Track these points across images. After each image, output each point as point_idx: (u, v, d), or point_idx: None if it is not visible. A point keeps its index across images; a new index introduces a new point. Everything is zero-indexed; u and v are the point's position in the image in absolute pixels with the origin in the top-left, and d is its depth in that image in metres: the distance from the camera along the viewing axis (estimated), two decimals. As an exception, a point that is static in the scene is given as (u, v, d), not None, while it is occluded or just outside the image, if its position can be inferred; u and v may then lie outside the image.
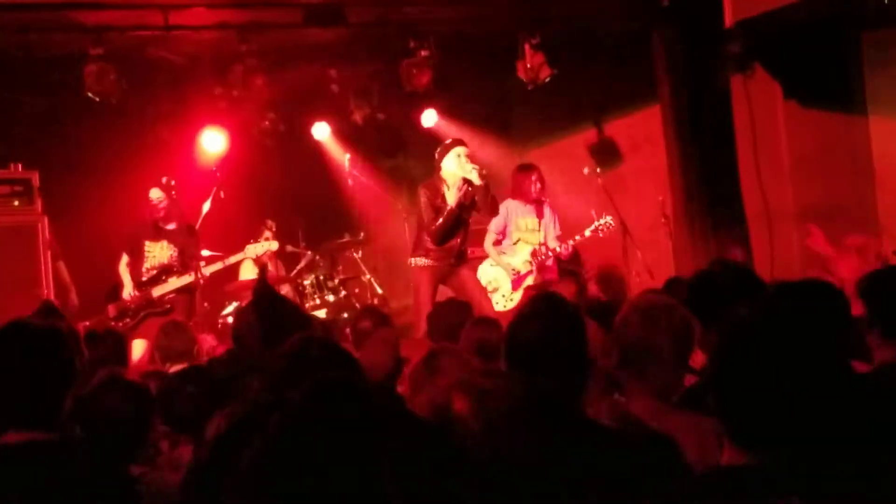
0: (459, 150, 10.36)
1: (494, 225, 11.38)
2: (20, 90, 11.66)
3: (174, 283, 10.62)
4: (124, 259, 10.81)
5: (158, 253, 10.72)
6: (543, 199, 11.43)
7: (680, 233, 11.45)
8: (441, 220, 10.25)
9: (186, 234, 10.79)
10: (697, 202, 11.36)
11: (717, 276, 4.84)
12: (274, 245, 11.12)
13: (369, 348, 6.29)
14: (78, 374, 3.80)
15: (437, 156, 10.44)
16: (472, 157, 10.35)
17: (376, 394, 1.87)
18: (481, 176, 10.19)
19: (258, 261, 11.89)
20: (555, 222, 11.43)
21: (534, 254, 11.24)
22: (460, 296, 10.15)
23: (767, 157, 11.04)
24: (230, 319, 11.81)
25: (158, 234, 10.71)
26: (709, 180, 11.38)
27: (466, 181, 10.28)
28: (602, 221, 11.02)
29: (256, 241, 11.06)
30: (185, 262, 10.68)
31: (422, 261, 10.36)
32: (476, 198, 10.31)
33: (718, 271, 4.90)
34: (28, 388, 3.59)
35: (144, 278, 10.67)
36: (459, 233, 10.49)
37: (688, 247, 11.37)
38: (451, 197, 10.24)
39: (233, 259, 10.84)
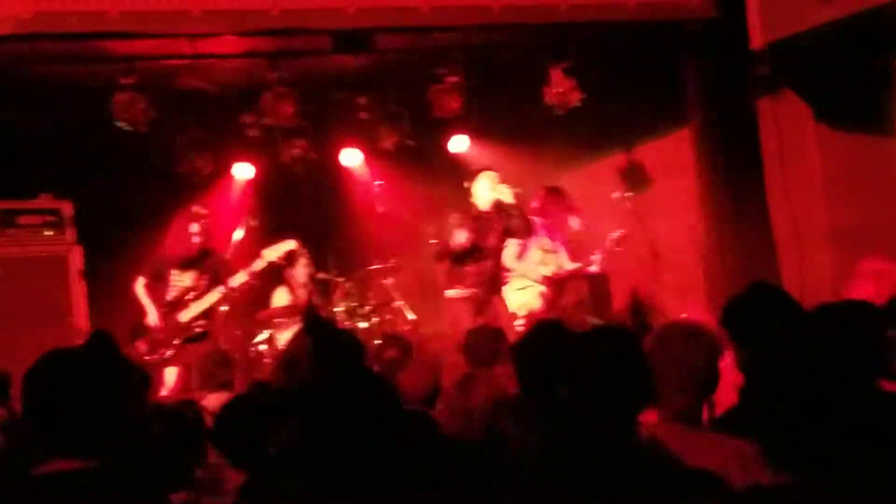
0: (490, 174, 10.42)
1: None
2: (51, 120, 11.74)
3: (197, 306, 10.63)
4: (141, 281, 10.76)
5: (185, 282, 10.74)
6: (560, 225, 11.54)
7: (710, 256, 11.40)
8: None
9: (213, 260, 10.81)
10: (727, 225, 11.30)
11: (753, 299, 4.82)
12: (292, 244, 11.09)
13: (409, 372, 6.29)
14: (121, 402, 3.81)
15: (468, 186, 10.52)
16: (503, 181, 10.43)
17: (407, 422, 1.81)
18: (515, 196, 10.24)
19: (296, 289, 11.91)
20: (568, 249, 11.52)
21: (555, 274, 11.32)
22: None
23: (797, 179, 11.01)
24: (262, 348, 11.81)
25: (186, 265, 10.74)
26: (739, 203, 11.32)
27: (498, 204, 10.33)
28: (616, 234, 11.25)
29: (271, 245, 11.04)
30: (212, 286, 10.71)
31: (459, 292, 10.40)
32: (511, 221, 10.36)
33: (755, 294, 4.89)
34: (70, 415, 3.59)
35: (169, 305, 10.68)
36: (490, 258, 10.50)
37: (718, 270, 11.32)
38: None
39: (254, 267, 10.82)
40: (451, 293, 10.50)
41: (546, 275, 11.31)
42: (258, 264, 10.86)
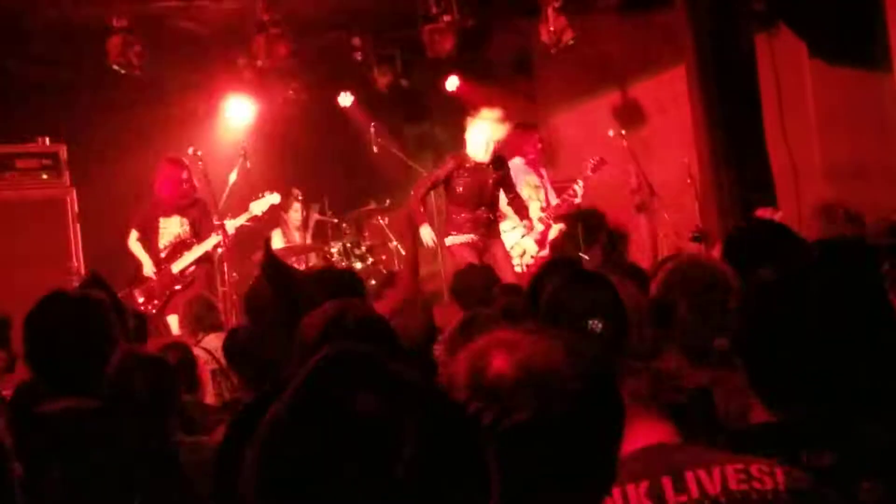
0: (488, 116, 10.48)
1: None
2: (45, 64, 11.70)
3: (189, 255, 10.74)
4: (133, 235, 10.92)
5: (172, 228, 10.84)
6: (540, 161, 11.57)
7: (706, 193, 11.40)
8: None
9: (198, 208, 10.88)
10: (723, 162, 11.28)
11: (751, 233, 4.81)
12: (276, 197, 11.11)
13: (404, 314, 6.31)
14: (117, 343, 3.85)
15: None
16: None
17: (403, 366, 1.77)
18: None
19: (291, 232, 11.94)
20: (551, 183, 11.57)
21: (544, 209, 11.36)
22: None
23: (793, 115, 10.98)
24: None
25: (171, 211, 10.83)
26: (735, 140, 11.29)
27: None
28: (593, 161, 11.38)
29: (257, 197, 11.08)
30: (199, 234, 10.78)
31: (459, 238, 10.47)
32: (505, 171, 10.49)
33: (754, 228, 4.88)
34: (70, 355, 3.64)
35: (162, 255, 10.78)
36: (486, 203, 10.55)
37: (714, 207, 11.31)
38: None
39: (239, 220, 10.85)
40: (450, 240, 10.54)
41: (536, 215, 11.40)
42: (243, 217, 10.90)
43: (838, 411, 2.64)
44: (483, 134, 10.34)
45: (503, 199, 11.45)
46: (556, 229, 11.49)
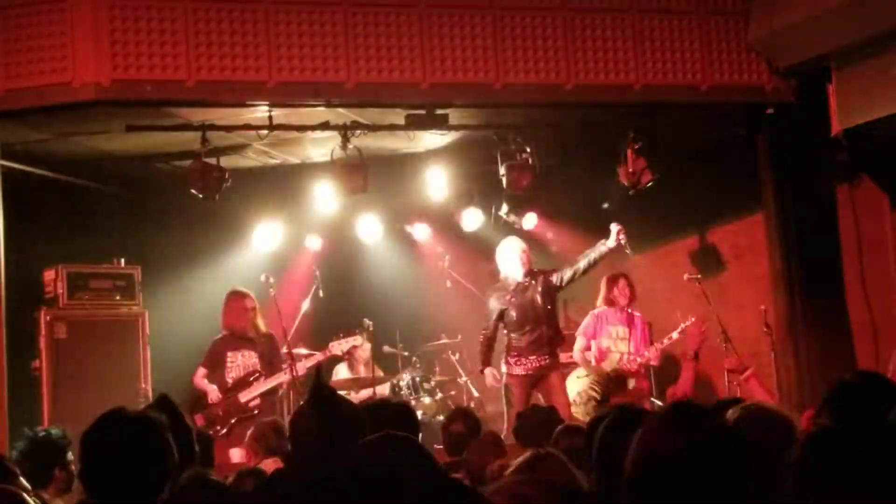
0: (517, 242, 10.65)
1: (583, 329, 11.49)
2: (123, 186, 11.88)
3: (258, 388, 10.75)
4: (200, 372, 10.95)
5: (241, 361, 10.87)
6: (633, 310, 11.46)
7: (782, 343, 11.21)
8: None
9: (267, 342, 10.92)
10: (801, 312, 11.11)
11: (858, 386, 4.65)
12: (358, 340, 11.13)
13: (475, 450, 6.22)
14: (176, 466, 3.81)
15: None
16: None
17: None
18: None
19: (358, 365, 11.93)
20: (644, 335, 11.42)
21: (620, 360, 11.25)
22: (547, 402, 10.16)
23: (873, 268, 10.83)
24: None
25: (239, 344, 10.88)
26: (813, 290, 11.14)
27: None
28: (688, 323, 11.10)
29: (339, 338, 11.10)
30: (269, 366, 10.80)
31: (513, 369, 10.50)
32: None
33: (860, 381, 4.72)
34: (123, 475, 3.62)
35: (229, 384, 10.87)
36: (542, 324, 10.58)
37: (790, 357, 11.13)
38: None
39: (314, 360, 10.88)
40: (509, 370, 10.64)
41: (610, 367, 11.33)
42: (320, 356, 10.96)
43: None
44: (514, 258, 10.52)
45: (575, 349, 11.45)
46: (630, 382, 11.38)
